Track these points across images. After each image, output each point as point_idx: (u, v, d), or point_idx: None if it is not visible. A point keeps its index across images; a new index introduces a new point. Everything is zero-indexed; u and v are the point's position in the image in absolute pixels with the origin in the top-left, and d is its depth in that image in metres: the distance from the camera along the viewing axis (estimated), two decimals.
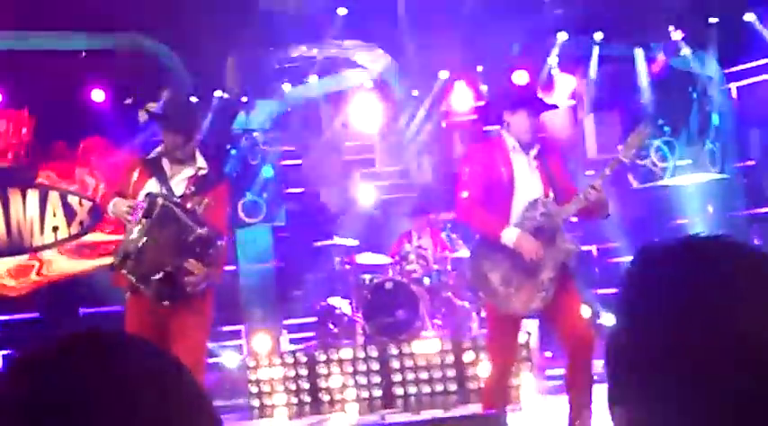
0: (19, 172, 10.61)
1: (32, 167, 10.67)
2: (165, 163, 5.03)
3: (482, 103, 11.96)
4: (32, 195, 10.69)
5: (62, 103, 10.33)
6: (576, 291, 5.23)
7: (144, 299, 4.79)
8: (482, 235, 5.13)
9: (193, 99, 10.98)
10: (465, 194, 5.06)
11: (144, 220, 4.66)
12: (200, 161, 5.10)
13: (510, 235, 4.91)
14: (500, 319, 5.13)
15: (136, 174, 5.01)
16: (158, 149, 5.10)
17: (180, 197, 4.89)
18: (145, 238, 4.63)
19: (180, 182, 4.98)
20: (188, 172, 5.03)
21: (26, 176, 10.66)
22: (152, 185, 4.95)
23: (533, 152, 5.10)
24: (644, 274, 1.07)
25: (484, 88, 12.05)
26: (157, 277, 4.61)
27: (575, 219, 5.51)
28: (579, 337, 5.02)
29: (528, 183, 5.03)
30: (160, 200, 4.70)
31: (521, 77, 11.85)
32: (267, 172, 10.93)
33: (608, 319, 10.65)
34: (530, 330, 8.46)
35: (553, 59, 11.74)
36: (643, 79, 11.63)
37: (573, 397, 5.13)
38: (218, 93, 11.19)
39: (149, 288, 4.68)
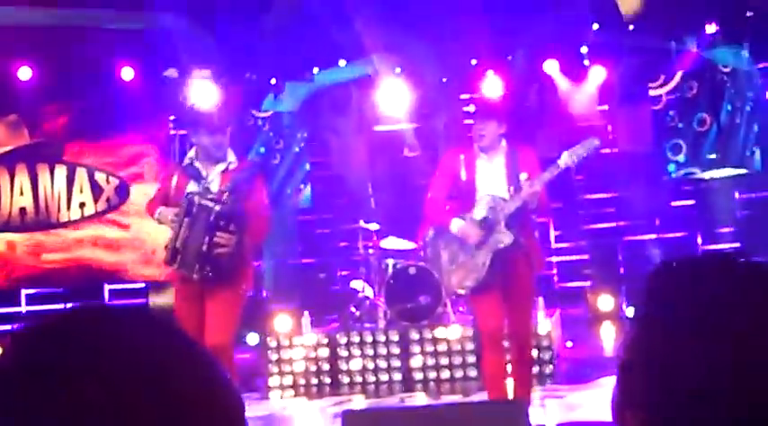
0: (47, 147, 10.69)
1: (60, 143, 10.75)
2: (199, 164, 5.61)
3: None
4: (60, 171, 10.77)
5: (92, 80, 10.39)
6: (526, 286, 5.76)
7: (190, 286, 5.44)
8: (438, 226, 5.93)
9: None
10: (429, 195, 5.94)
11: (185, 219, 5.33)
12: (231, 155, 5.66)
13: (455, 225, 5.73)
14: (478, 297, 5.86)
15: (175, 180, 5.63)
16: (191, 154, 5.67)
17: (216, 193, 5.47)
18: (186, 233, 5.32)
19: (215, 179, 5.55)
20: (220, 167, 5.58)
21: (54, 152, 10.73)
22: (192, 187, 5.55)
23: (498, 154, 5.71)
24: (667, 291, 1.08)
25: (514, 77, 11.99)
26: (198, 260, 5.30)
27: None
28: (515, 334, 5.81)
29: (491, 184, 5.68)
30: (196, 199, 5.34)
31: (550, 67, 11.80)
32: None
33: (630, 313, 10.58)
34: (551, 320, 8.41)
35: (584, 50, 11.65)
36: (675, 72, 11.53)
37: (514, 387, 5.89)
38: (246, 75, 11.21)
39: (194, 272, 5.33)
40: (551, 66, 11.87)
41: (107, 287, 11.16)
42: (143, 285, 11.15)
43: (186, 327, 4.94)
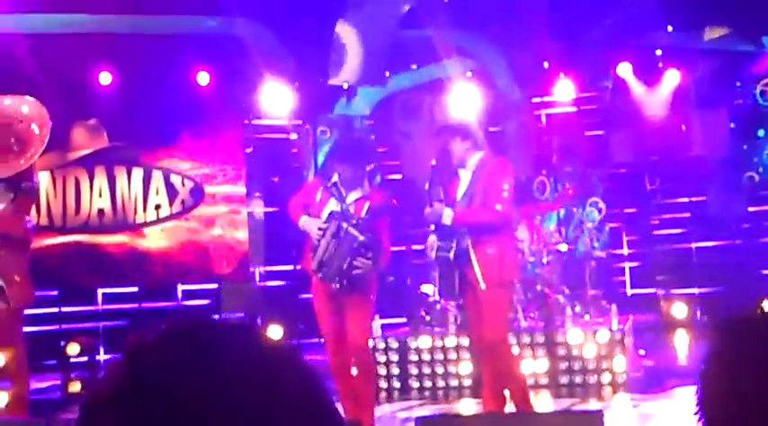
0: (125, 150, 10.92)
1: (138, 146, 10.97)
2: (341, 186, 6.27)
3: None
4: (137, 173, 11.00)
5: (169, 85, 10.59)
6: (478, 299, 5.93)
7: (326, 286, 6.17)
8: None
9: (289, 85, 11.15)
10: None
11: (333, 240, 6.10)
12: (366, 184, 6.41)
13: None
14: None
15: (319, 195, 6.28)
16: (334, 179, 6.33)
17: (358, 219, 6.16)
18: (332, 251, 6.11)
19: (352, 203, 6.24)
20: (357, 194, 6.26)
21: (131, 155, 10.96)
22: (333, 205, 6.21)
23: (465, 171, 6.09)
24: (726, 350, 1.15)
25: (586, 80, 11.89)
26: (339, 275, 6.09)
27: None
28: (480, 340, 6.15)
29: (460, 196, 6.09)
30: (344, 225, 6.08)
31: (623, 70, 11.66)
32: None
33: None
34: (623, 326, 8.33)
35: (659, 53, 11.48)
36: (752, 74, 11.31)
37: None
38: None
39: (334, 282, 6.11)
40: (624, 69, 11.73)
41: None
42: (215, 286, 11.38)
43: (325, 321, 6.21)
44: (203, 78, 10.91)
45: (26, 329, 6.95)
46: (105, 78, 10.64)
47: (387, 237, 6.33)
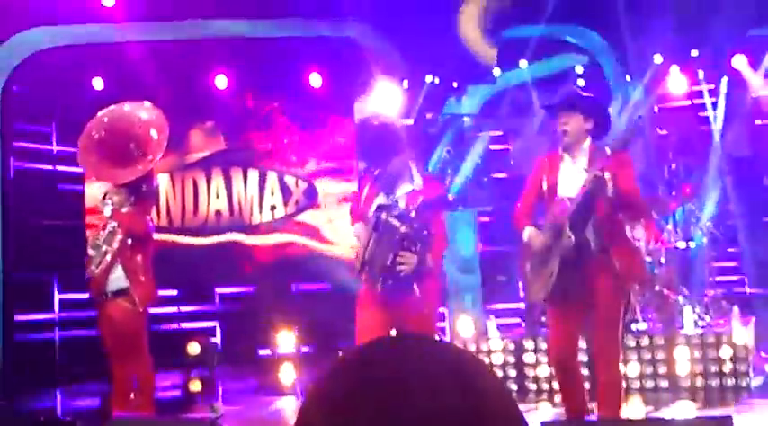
0: (241, 152, 11.17)
1: (253, 148, 11.20)
2: (385, 179, 5.87)
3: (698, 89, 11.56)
4: (253, 174, 11.24)
5: (282, 87, 10.78)
6: (605, 299, 5.26)
7: (375, 294, 5.63)
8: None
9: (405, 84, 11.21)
10: (517, 204, 5.62)
11: (373, 234, 5.64)
12: (417, 177, 5.86)
13: (526, 233, 5.43)
14: (550, 310, 5.62)
15: (367, 189, 5.93)
16: (376, 173, 5.96)
17: (403, 210, 5.68)
18: (373, 248, 5.64)
19: (402, 197, 5.78)
20: (407, 187, 5.80)
21: (247, 156, 11.21)
22: (381, 199, 5.81)
23: (581, 155, 5.29)
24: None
25: (700, 73, 11.61)
26: (382, 274, 5.56)
27: None
28: (597, 353, 5.51)
29: (572, 187, 5.21)
30: (383, 216, 5.61)
31: (738, 62, 11.32)
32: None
33: None
34: (747, 329, 8.12)
35: None
36: None
37: (598, 409, 5.51)
38: (428, 78, 11.32)
39: (378, 285, 5.59)
40: (740, 62, 11.40)
41: None
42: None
43: (364, 331, 5.50)
44: (316, 80, 11.06)
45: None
46: (221, 82, 10.90)
47: (442, 231, 5.76)
